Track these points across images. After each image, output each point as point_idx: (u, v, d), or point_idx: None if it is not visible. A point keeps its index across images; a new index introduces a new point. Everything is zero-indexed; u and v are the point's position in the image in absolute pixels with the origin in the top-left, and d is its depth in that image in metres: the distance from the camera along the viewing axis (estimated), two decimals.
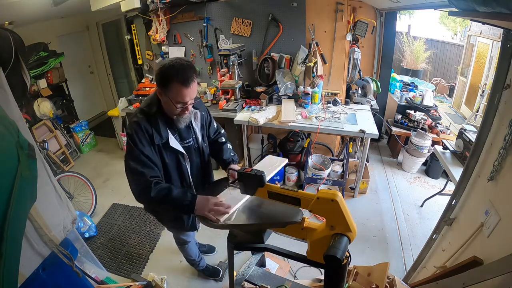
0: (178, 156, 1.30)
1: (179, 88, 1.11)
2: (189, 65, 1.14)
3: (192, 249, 1.87)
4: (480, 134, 1.22)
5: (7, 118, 0.81)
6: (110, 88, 5.11)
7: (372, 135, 2.37)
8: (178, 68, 1.10)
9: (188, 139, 1.35)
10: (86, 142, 4.13)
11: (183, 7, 3.15)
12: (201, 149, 1.43)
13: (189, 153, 1.35)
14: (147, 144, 1.18)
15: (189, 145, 1.35)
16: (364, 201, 2.85)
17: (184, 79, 1.10)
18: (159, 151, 1.23)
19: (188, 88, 1.12)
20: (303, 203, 0.90)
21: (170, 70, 1.10)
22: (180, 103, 1.15)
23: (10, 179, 0.67)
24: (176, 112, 1.20)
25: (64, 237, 1.30)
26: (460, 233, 1.29)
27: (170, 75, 1.10)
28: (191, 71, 1.13)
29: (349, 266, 0.92)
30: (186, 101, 1.16)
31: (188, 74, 1.11)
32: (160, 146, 1.22)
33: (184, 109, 1.19)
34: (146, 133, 1.17)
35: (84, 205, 2.79)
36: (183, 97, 1.13)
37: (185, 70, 1.11)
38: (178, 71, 1.10)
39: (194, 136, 1.37)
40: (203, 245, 2.30)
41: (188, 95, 1.14)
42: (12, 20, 2.73)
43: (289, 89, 2.95)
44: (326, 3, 2.77)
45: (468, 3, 0.88)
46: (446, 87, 5.72)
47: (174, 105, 1.15)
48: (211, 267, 2.10)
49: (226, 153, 1.48)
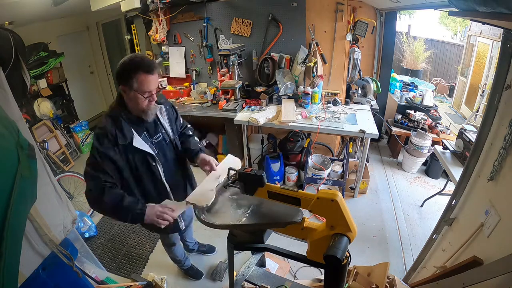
0: (147, 157, 1.27)
1: (144, 76, 1.14)
2: (147, 57, 1.21)
3: (178, 250, 1.89)
4: (480, 134, 1.22)
5: (7, 118, 0.81)
6: (110, 88, 5.11)
7: (372, 135, 2.37)
8: (138, 60, 1.15)
9: (157, 134, 1.34)
10: (86, 142, 4.13)
11: (183, 7, 3.15)
12: (173, 143, 1.42)
13: (162, 149, 1.35)
14: (111, 146, 1.16)
15: (159, 140, 1.35)
16: (364, 201, 2.85)
17: (147, 67, 1.14)
18: (125, 154, 1.21)
19: (153, 75, 1.16)
20: (303, 203, 0.90)
21: (131, 62, 1.14)
22: (146, 92, 1.17)
23: (10, 179, 0.67)
24: (143, 104, 1.20)
25: (64, 237, 1.30)
26: (460, 233, 1.29)
27: (133, 67, 1.14)
28: (151, 61, 1.19)
29: (349, 266, 0.92)
30: (152, 89, 1.18)
31: (150, 63, 1.16)
32: (126, 147, 1.20)
33: (151, 98, 1.21)
34: (110, 135, 1.16)
35: (84, 205, 2.79)
36: (148, 85, 1.16)
37: (145, 60, 1.16)
38: (140, 62, 1.14)
39: (164, 130, 1.37)
40: (203, 245, 2.29)
41: (152, 82, 1.17)
42: (12, 20, 2.73)
43: (289, 89, 2.95)
44: (326, 3, 2.77)
45: (468, 3, 0.88)
46: (446, 87, 5.72)
47: (141, 95, 1.17)
48: (195, 268, 2.12)
49: (193, 144, 1.48)
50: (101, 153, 1.15)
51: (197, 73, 3.47)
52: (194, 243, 2.19)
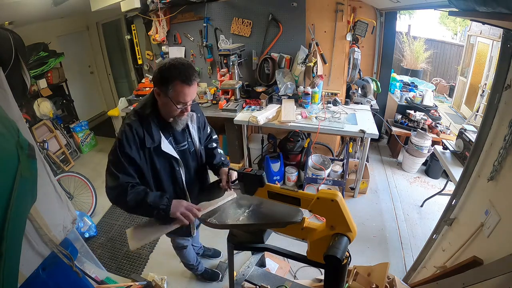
0: (172, 161, 1.24)
1: (181, 87, 1.08)
2: (190, 64, 1.12)
3: (190, 254, 1.84)
4: (480, 134, 1.22)
5: (7, 118, 0.81)
6: (110, 88, 5.11)
7: (372, 135, 2.37)
8: (180, 67, 1.08)
9: (183, 142, 1.30)
10: (86, 142, 4.13)
11: (183, 7, 3.15)
12: (198, 153, 1.37)
13: (184, 158, 1.30)
14: (135, 148, 1.13)
15: (184, 148, 1.30)
16: (364, 201, 2.85)
17: (186, 78, 1.08)
18: (150, 156, 1.18)
19: (191, 87, 1.10)
20: (303, 203, 0.90)
21: (171, 69, 1.08)
22: (181, 103, 1.12)
23: (10, 179, 0.67)
24: (175, 114, 1.16)
25: (64, 237, 1.30)
26: (460, 233, 1.29)
27: (172, 74, 1.07)
28: (192, 70, 1.11)
29: (349, 266, 0.92)
30: (187, 101, 1.13)
31: (190, 73, 1.09)
32: (151, 150, 1.17)
33: (184, 110, 1.16)
34: (137, 136, 1.12)
35: (84, 205, 2.79)
36: (184, 97, 1.10)
37: (187, 69, 1.09)
38: (180, 70, 1.07)
39: (190, 139, 1.33)
40: (209, 249, 2.27)
41: (189, 95, 1.11)
42: (12, 20, 2.74)
43: (289, 89, 2.95)
44: (326, 3, 2.77)
45: (468, 3, 0.88)
46: (446, 87, 5.72)
47: (175, 105, 1.12)
48: (210, 270, 2.08)
49: (216, 158, 1.44)
50: (126, 154, 1.11)
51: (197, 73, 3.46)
52: (199, 247, 2.18)
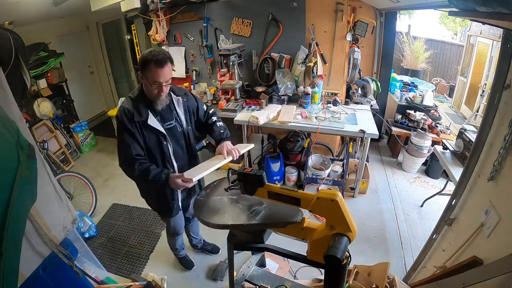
0: (159, 136, 1.44)
1: (154, 68, 1.29)
2: (165, 53, 1.33)
3: (179, 241, 2.04)
4: (480, 134, 1.22)
5: (7, 118, 0.81)
6: (110, 88, 5.10)
7: (372, 135, 2.37)
8: (154, 53, 1.30)
9: (171, 121, 1.49)
10: (86, 142, 4.13)
11: (183, 7, 3.15)
12: (185, 132, 1.56)
13: (172, 135, 1.50)
14: (129, 122, 1.36)
15: (171, 126, 1.50)
16: (364, 201, 2.85)
17: (158, 61, 1.28)
18: (141, 130, 1.39)
19: (162, 68, 1.30)
20: (303, 203, 0.90)
21: (148, 55, 1.30)
22: (156, 82, 1.32)
23: (10, 179, 0.67)
24: (154, 93, 1.36)
25: (64, 237, 1.30)
26: (460, 233, 1.29)
27: (147, 59, 1.29)
28: (165, 56, 1.31)
29: (349, 266, 0.92)
30: (160, 81, 1.32)
31: (163, 57, 1.30)
32: (140, 125, 1.38)
33: (160, 89, 1.35)
34: (128, 113, 1.36)
35: (84, 205, 2.79)
36: (158, 77, 1.31)
37: (160, 55, 1.30)
38: (154, 55, 1.29)
39: (178, 119, 1.52)
40: (208, 244, 2.30)
41: (162, 75, 1.31)
42: (12, 20, 2.74)
43: (289, 89, 2.95)
44: (326, 3, 2.76)
45: (468, 3, 0.88)
46: (446, 87, 5.72)
47: (151, 85, 1.33)
48: (188, 258, 2.20)
49: (216, 132, 1.63)
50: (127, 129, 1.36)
51: (197, 73, 3.47)
52: (199, 240, 2.22)
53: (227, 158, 1.50)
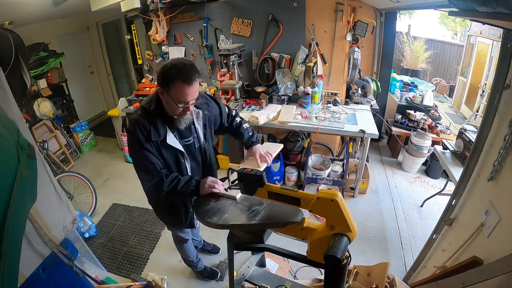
0: (177, 154, 1.31)
1: (181, 87, 1.11)
2: (191, 64, 1.16)
3: (190, 249, 1.89)
4: (480, 134, 1.22)
5: (7, 118, 0.81)
6: (110, 88, 5.10)
7: (372, 135, 2.37)
8: (181, 67, 1.11)
9: (188, 137, 1.35)
10: (86, 142, 4.13)
11: (183, 7, 3.15)
12: (202, 149, 1.44)
13: (189, 152, 1.37)
14: (146, 141, 1.20)
15: (189, 143, 1.36)
16: (364, 201, 2.85)
17: (186, 78, 1.11)
18: (158, 148, 1.25)
19: (191, 86, 1.13)
20: (303, 203, 0.90)
21: (173, 69, 1.12)
22: (182, 102, 1.16)
23: (10, 179, 0.67)
24: (177, 112, 1.20)
25: (64, 237, 1.30)
26: (460, 233, 1.29)
27: (173, 74, 1.11)
28: (193, 70, 1.14)
29: (349, 266, 0.92)
30: (188, 101, 1.16)
31: (191, 73, 1.12)
32: (158, 143, 1.23)
33: (186, 109, 1.19)
34: (144, 129, 1.18)
35: (84, 205, 2.79)
36: (185, 96, 1.14)
37: (188, 69, 1.12)
38: (181, 70, 1.11)
39: (196, 135, 1.38)
40: (208, 244, 2.28)
41: (190, 94, 1.15)
42: (12, 20, 2.73)
43: (289, 89, 2.95)
44: (326, 3, 2.76)
45: (468, 3, 0.88)
46: (446, 87, 5.72)
47: (176, 104, 1.16)
48: (209, 268, 2.09)
49: (244, 136, 1.53)
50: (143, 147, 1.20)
51: None
52: (199, 241, 2.20)
53: (262, 165, 1.36)
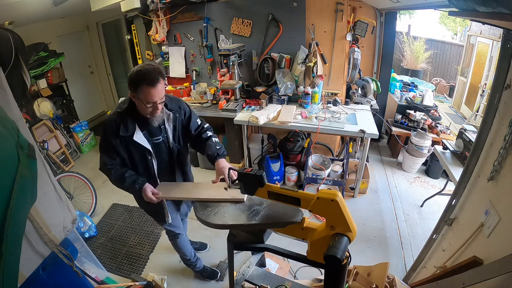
0: (145, 152, 1.41)
1: (146, 89, 1.23)
2: (155, 68, 1.27)
3: (185, 246, 1.91)
4: (480, 134, 1.22)
5: (7, 118, 0.81)
6: (110, 88, 5.11)
7: (372, 135, 2.37)
8: (145, 72, 1.23)
9: (158, 136, 1.45)
10: (86, 142, 4.13)
11: (183, 7, 3.15)
12: (171, 148, 1.53)
13: (158, 150, 1.47)
14: (114, 136, 1.33)
15: (158, 141, 1.46)
16: (364, 201, 2.85)
17: (150, 81, 1.23)
18: (126, 144, 1.36)
19: (155, 88, 1.24)
20: (303, 203, 0.90)
21: (137, 74, 1.24)
22: (150, 102, 1.27)
23: (10, 179, 0.67)
24: (148, 112, 1.31)
25: (64, 237, 1.30)
26: (460, 233, 1.29)
27: (138, 79, 1.23)
28: (156, 73, 1.25)
29: (349, 266, 0.92)
30: (155, 101, 1.27)
31: (154, 76, 1.24)
32: (126, 139, 1.35)
33: (155, 108, 1.30)
34: (114, 125, 1.32)
35: (84, 205, 2.79)
36: (151, 97, 1.26)
37: (151, 73, 1.23)
38: (145, 75, 1.23)
39: (165, 135, 1.48)
40: (195, 243, 2.30)
41: (156, 95, 1.26)
42: (12, 20, 2.73)
43: (289, 89, 2.95)
44: (326, 3, 2.76)
45: (468, 3, 0.88)
46: (446, 87, 5.72)
47: (145, 105, 1.28)
48: (209, 268, 2.10)
49: (210, 149, 1.51)
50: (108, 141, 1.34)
51: (197, 73, 3.47)
52: None
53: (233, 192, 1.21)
